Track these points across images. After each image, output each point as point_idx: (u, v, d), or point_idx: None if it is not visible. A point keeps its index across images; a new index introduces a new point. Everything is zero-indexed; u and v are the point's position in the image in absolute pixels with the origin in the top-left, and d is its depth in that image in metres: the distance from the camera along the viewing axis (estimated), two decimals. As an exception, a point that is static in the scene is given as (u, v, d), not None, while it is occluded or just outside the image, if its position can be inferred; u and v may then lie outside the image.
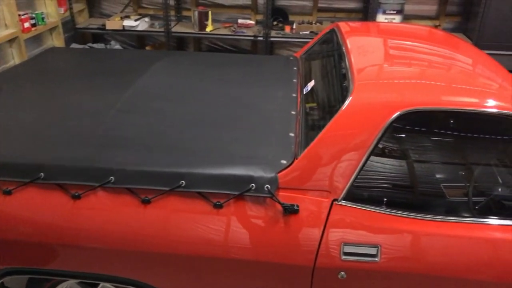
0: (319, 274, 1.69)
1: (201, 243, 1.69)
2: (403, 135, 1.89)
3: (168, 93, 2.30)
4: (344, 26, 2.58)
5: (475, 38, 4.18)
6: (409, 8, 4.53)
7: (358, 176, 1.69)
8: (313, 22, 4.56)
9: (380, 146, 1.80)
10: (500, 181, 1.96)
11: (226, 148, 1.83)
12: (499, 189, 1.93)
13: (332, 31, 2.66)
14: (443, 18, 4.61)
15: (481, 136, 2.00)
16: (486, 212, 1.79)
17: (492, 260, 1.68)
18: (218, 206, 1.68)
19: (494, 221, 1.73)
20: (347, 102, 1.70)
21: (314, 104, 2.18)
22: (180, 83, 2.42)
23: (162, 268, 1.76)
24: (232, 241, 1.69)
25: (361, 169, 1.68)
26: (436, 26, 4.60)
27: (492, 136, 1.96)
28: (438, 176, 1.98)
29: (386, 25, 2.92)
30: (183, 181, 1.67)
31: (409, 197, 1.88)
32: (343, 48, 2.21)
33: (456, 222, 1.73)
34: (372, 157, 1.73)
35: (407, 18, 4.54)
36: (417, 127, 1.91)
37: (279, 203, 1.65)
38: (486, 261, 1.68)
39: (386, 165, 1.92)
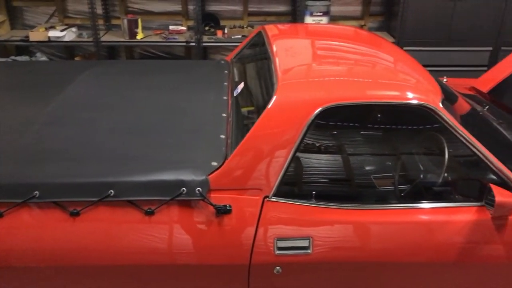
0: (255, 271, 1.73)
1: (134, 252, 1.67)
2: (327, 130, 1.97)
3: (96, 102, 2.25)
4: (270, 28, 2.65)
5: (398, 36, 4.42)
6: (335, 9, 4.71)
7: (287, 172, 1.74)
8: (245, 26, 4.63)
9: (306, 141, 1.87)
10: (422, 168, 2.09)
11: (156, 154, 1.82)
12: (423, 176, 2.05)
13: (259, 34, 2.72)
14: (368, 18, 4.84)
15: (402, 126, 2.12)
16: (413, 197, 1.90)
17: (424, 242, 1.78)
18: (150, 213, 1.66)
19: (423, 205, 1.83)
20: (271, 102, 1.75)
21: (245, 106, 2.22)
22: (108, 92, 2.38)
23: (99, 280, 1.72)
24: (167, 247, 1.69)
25: (289, 165, 1.73)
26: (361, 26, 4.82)
27: (412, 126, 2.09)
28: (363, 166, 2.09)
29: (313, 26, 3.04)
30: (111, 191, 1.64)
31: (337, 188, 1.97)
32: (269, 50, 2.27)
33: (385, 209, 1.82)
34: (299, 153, 1.80)
35: (334, 19, 4.72)
36: (340, 122, 2.00)
37: (211, 204, 1.67)
38: (418, 244, 1.78)
39: (313, 160, 2.00)
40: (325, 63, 2.12)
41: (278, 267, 1.72)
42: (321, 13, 4.29)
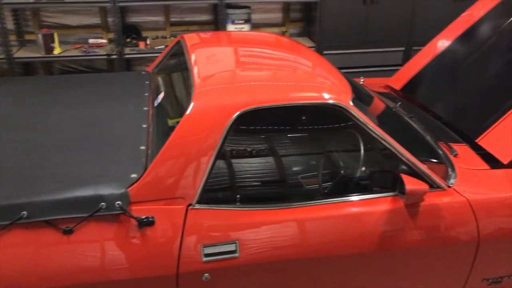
0: (183, 281, 1.71)
1: (56, 274, 1.59)
2: (249, 133, 2.01)
3: (6, 122, 2.13)
4: (189, 37, 2.65)
5: (317, 40, 4.59)
6: (256, 17, 4.81)
7: (209, 179, 1.74)
8: (167, 36, 4.59)
9: (228, 146, 1.88)
10: (342, 164, 2.17)
11: (73, 171, 1.76)
12: (343, 171, 2.14)
13: (179, 43, 2.72)
14: (289, 24, 4.98)
15: (320, 126, 2.20)
16: (336, 192, 1.97)
17: (348, 234, 1.85)
18: (68, 232, 1.60)
19: (345, 198, 1.90)
20: (188, 109, 1.75)
21: (166, 116, 2.20)
22: (21, 110, 2.26)
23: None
24: (90, 265, 1.63)
25: (210, 171, 1.74)
26: (283, 33, 4.95)
27: (329, 125, 2.17)
28: (286, 167, 2.14)
29: (233, 33, 3.07)
30: (24, 212, 1.56)
31: (262, 190, 2.00)
32: (187, 59, 2.27)
33: (309, 206, 1.87)
34: (221, 158, 1.81)
35: (256, 26, 4.81)
36: (261, 124, 2.04)
37: (133, 217, 1.64)
38: (343, 236, 1.84)
39: (237, 164, 2.02)
40: (244, 69, 2.16)
41: (206, 274, 1.72)
42: (243, 21, 4.36)
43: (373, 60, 4.69)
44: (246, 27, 4.41)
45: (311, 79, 2.07)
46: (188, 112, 1.74)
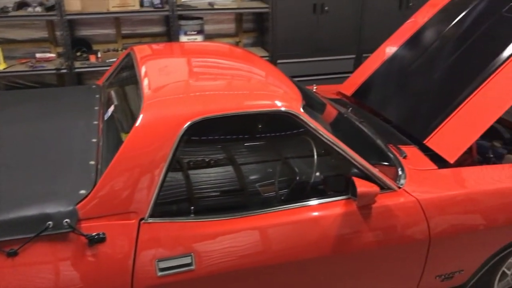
0: (138, 297, 1.66)
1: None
2: (202, 143, 1.99)
3: None
4: (139, 49, 2.61)
5: (271, 50, 4.64)
6: (209, 28, 4.82)
7: (161, 192, 1.71)
8: (119, 49, 4.52)
9: (178, 157, 1.86)
10: (297, 171, 2.19)
11: (18, 190, 1.68)
12: (298, 177, 2.15)
13: (129, 55, 2.68)
14: (242, 34, 5.02)
15: (274, 134, 2.22)
16: (293, 198, 1.98)
17: (305, 239, 1.86)
18: (13, 254, 1.52)
19: (302, 204, 1.92)
20: (137, 122, 1.72)
21: (116, 129, 2.15)
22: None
23: None
24: (41, 287, 1.56)
25: (162, 184, 1.71)
26: (237, 43, 4.98)
27: (282, 132, 2.19)
28: (242, 176, 2.13)
29: (186, 44, 3.05)
30: (-37, 236, 1.48)
31: (218, 201, 1.98)
32: (137, 71, 2.24)
33: (265, 213, 1.87)
34: (175, 169, 1.78)
35: (209, 37, 4.81)
36: (214, 134, 2.03)
37: (83, 235, 1.58)
38: (301, 241, 1.85)
39: (188, 175, 2.00)
40: (195, 79, 2.14)
41: (162, 289, 1.68)
42: (196, 32, 4.35)
43: (326, 68, 4.79)
44: (199, 38, 4.40)
45: (262, 88, 2.08)
46: (137, 124, 1.71)
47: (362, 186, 1.84)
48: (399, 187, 2.03)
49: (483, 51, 2.62)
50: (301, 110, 1.92)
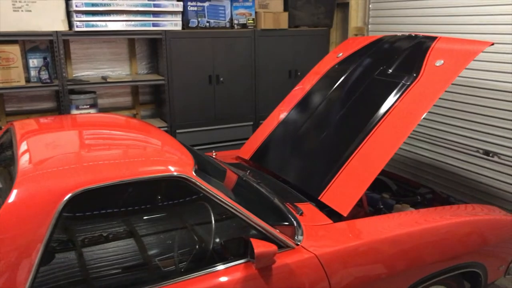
0: None
1: None
2: (85, 218, 1.84)
3: None
4: (20, 124, 2.45)
5: (169, 121, 4.64)
6: (104, 101, 4.72)
7: (37, 276, 1.53)
8: (2, 127, 4.21)
9: (60, 235, 1.70)
10: (196, 238, 2.10)
11: None
12: (198, 245, 2.06)
13: (8, 131, 2.49)
14: (139, 107, 4.97)
15: (167, 201, 2.13)
16: (194, 267, 1.88)
17: None
18: None
19: (202, 272, 1.84)
20: (7, 200, 1.55)
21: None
22: None
23: None
24: None
25: (39, 267, 1.52)
26: (134, 115, 4.91)
27: (177, 199, 2.12)
28: (134, 249, 1.99)
29: (76, 116, 2.92)
30: None
31: (106, 280, 1.82)
32: (15, 147, 2.07)
33: (162, 286, 1.75)
34: (53, 250, 1.61)
35: (105, 110, 4.70)
36: (99, 207, 1.90)
37: None
38: None
39: (73, 254, 1.82)
40: (79, 150, 2.03)
41: None
42: (88, 106, 4.23)
43: (226, 135, 4.88)
44: (92, 111, 4.27)
45: (152, 155, 2.03)
46: (7, 203, 1.54)
47: (259, 246, 1.81)
48: (297, 244, 2.03)
49: (362, 111, 2.85)
50: (193, 173, 1.89)
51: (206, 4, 4.49)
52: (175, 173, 1.85)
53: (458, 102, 3.92)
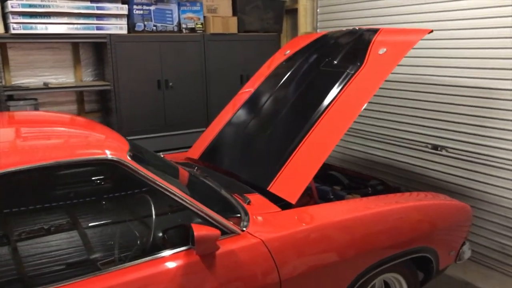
0: None
1: None
2: (14, 204, 1.68)
3: None
4: None
5: (117, 129, 4.46)
6: (47, 109, 4.50)
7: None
8: None
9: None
10: (132, 226, 1.96)
11: None
12: (139, 234, 1.92)
13: None
14: (85, 116, 4.77)
15: (103, 188, 1.98)
16: (132, 256, 1.74)
17: None
18: None
19: (143, 259, 1.72)
20: None
21: None
22: None
23: None
24: None
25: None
26: (80, 124, 4.70)
27: (114, 189, 1.98)
28: (71, 240, 1.83)
29: (7, 113, 2.74)
30: None
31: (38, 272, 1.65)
32: None
33: (92, 277, 1.61)
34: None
35: (48, 120, 4.48)
36: (30, 192, 1.74)
37: None
38: None
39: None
40: (11, 140, 1.87)
41: None
42: (28, 113, 4.00)
43: (177, 142, 4.74)
44: (33, 119, 4.05)
45: (88, 141, 1.90)
46: None
47: (200, 230, 1.70)
48: (243, 230, 1.94)
49: (309, 102, 2.83)
50: (128, 157, 1.77)
51: (153, 7, 4.40)
52: (109, 156, 1.73)
53: (405, 99, 3.99)
